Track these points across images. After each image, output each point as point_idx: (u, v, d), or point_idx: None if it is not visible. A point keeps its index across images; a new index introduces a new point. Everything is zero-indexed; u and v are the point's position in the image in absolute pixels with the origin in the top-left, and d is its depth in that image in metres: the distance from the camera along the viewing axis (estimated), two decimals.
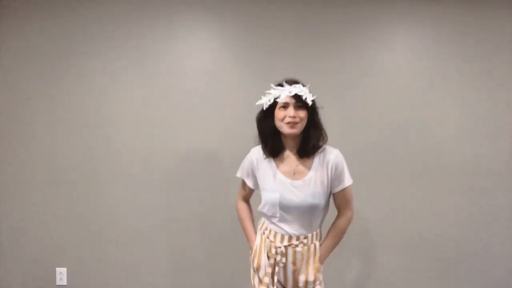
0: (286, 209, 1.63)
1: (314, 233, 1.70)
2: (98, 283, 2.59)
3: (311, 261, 1.69)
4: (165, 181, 2.56)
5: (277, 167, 1.68)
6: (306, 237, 1.67)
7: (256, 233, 1.82)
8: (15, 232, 2.55)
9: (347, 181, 1.67)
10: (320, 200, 1.62)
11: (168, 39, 2.53)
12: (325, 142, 1.65)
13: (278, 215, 1.65)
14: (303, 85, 1.61)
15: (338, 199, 1.71)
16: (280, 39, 2.53)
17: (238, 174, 1.83)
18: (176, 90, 2.54)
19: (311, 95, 1.59)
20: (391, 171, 2.59)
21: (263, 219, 1.79)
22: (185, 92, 2.55)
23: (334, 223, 1.74)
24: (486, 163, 2.59)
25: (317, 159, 1.64)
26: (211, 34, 2.55)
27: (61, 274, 2.56)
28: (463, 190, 2.60)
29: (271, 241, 1.69)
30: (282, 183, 1.64)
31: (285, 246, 1.66)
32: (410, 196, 2.60)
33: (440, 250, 2.62)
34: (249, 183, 1.80)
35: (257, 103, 1.64)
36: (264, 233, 1.75)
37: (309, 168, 1.64)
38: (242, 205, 1.90)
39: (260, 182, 1.73)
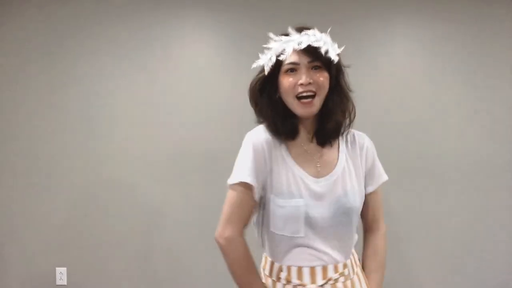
0: (313, 225, 1.05)
1: (351, 257, 1.13)
2: (98, 283, 2.59)
3: None
4: (166, 181, 2.56)
5: (294, 159, 1.08)
6: (345, 266, 1.09)
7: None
8: (15, 232, 2.56)
9: (383, 174, 1.19)
10: (359, 200, 1.10)
11: (168, 40, 2.54)
12: (353, 119, 1.10)
13: (302, 233, 1.05)
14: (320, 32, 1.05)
15: (372, 205, 1.17)
16: None
17: (235, 179, 1.05)
18: (176, 91, 2.55)
19: (335, 45, 1.06)
20: (390, 171, 2.58)
21: (269, 259, 1.13)
22: (186, 92, 2.56)
23: (371, 245, 1.18)
24: (486, 162, 2.59)
25: (343, 141, 1.14)
26: (211, 36, 2.56)
27: (61, 274, 2.56)
28: (463, 189, 2.60)
29: (298, 286, 1.06)
30: (305, 184, 1.06)
31: (320, 287, 1.05)
32: (409, 195, 2.60)
33: (439, 250, 2.61)
34: (259, 189, 1.05)
35: (253, 66, 1.13)
36: (279, 279, 1.09)
37: (337, 155, 1.11)
38: (240, 243, 1.07)
39: (276, 183, 1.06)
